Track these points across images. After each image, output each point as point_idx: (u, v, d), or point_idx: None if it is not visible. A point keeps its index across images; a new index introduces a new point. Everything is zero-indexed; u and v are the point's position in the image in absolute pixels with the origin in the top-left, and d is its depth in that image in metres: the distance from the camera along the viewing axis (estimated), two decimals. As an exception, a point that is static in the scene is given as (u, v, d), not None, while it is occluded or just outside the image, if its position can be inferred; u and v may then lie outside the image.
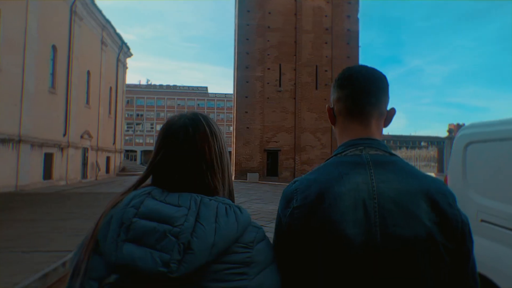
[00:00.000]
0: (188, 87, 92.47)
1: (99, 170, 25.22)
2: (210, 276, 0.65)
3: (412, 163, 30.13)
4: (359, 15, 28.13)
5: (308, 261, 0.79)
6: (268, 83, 27.31)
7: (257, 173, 25.38)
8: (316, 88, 27.45)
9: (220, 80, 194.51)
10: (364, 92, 0.90)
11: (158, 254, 0.63)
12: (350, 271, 0.75)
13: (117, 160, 30.52)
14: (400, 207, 0.77)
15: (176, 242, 0.64)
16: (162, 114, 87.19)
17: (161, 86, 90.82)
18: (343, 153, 0.89)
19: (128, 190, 0.77)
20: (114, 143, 29.71)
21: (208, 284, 0.65)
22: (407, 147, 40.63)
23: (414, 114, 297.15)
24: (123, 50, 31.01)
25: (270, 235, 0.79)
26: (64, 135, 19.85)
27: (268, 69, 27.38)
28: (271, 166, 27.10)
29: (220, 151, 0.80)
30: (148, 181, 0.81)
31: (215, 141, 0.79)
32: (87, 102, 23.40)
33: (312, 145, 27.23)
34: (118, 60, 30.25)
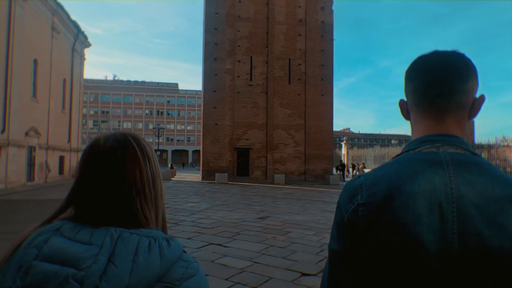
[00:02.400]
0: (157, 83, 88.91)
1: (49, 171, 22.58)
2: None
3: (386, 160, 29.65)
4: (334, 7, 27.00)
5: (370, 263, 0.71)
6: (238, 76, 25.57)
7: (226, 173, 23.57)
8: (289, 83, 26.02)
9: (192, 78, 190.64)
10: (434, 82, 0.79)
11: None
12: (420, 280, 0.67)
13: (73, 160, 27.80)
14: (483, 213, 0.68)
15: None
16: (129, 111, 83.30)
17: (128, 82, 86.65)
18: (416, 149, 0.79)
19: (42, 223, 0.67)
20: (69, 141, 27.04)
21: None
22: (380, 145, 40.35)
23: (382, 113, 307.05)
24: (80, 39, 28.24)
25: (229, 260, 0.50)
26: (3, 131, 17.28)
27: (239, 61, 25.64)
28: (242, 165, 25.40)
29: (153, 175, 0.71)
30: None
31: (147, 164, 0.70)
32: (34, 94, 20.77)
33: (285, 143, 25.77)
34: (73, 49, 27.48)
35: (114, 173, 0.68)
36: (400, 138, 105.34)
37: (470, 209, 0.68)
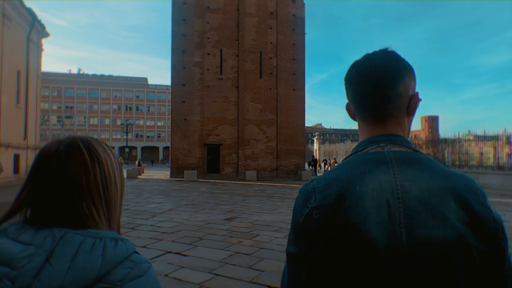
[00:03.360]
0: (126, 77, 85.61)
1: (1, 170, 20.75)
2: None
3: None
4: (305, 2, 26.58)
5: (327, 263, 0.74)
6: (208, 69, 24.64)
7: (196, 170, 22.67)
8: (261, 77, 25.39)
9: (162, 72, 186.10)
10: (369, 93, 0.83)
11: None
12: (374, 276, 0.71)
13: (30, 159, 25.84)
14: (427, 207, 0.72)
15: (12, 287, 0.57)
16: (95, 107, 79.70)
17: (94, 76, 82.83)
18: (363, 151, 0.83)
19: None
20: (25, 138, 25.06)
21: None
22: (351, 140, 40.76)
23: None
24: (36, 28, 26.15)
25: (186, 273, 0.54)
26: None
27: (208, 54, 24.69)
28: (212, 162, 24.57)
29: (105, 179, 0.71)
30: None
31: (97, 168, 0.70)
32: (-19, 87, 18.86)
33: (257, 138, 25.19)
34: (29, 39, 25.39)
35: (58, 177, 0.68)
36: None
37: (414, 203, 0.72)
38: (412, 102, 0.84)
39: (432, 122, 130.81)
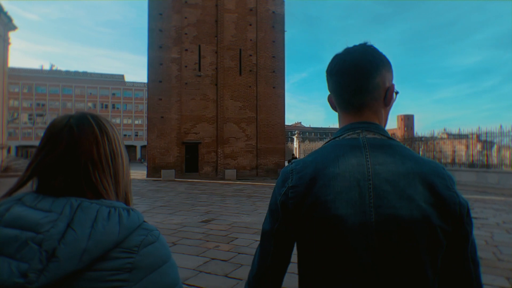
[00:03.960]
0: (101, 74, 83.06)
1: (-37, 171, 19.41)
2: (85, 285, 0.61)
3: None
4: (285, 1, 26.34)
5: (301, 239, 0.82)
6: (186, 66, 24.01)
7: (174, 170, 22.05)
8: (240, 74, 24.99)
9: (140, 69, 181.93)
10: (348, 84, 0.88)
11: (16, 264, 0.58)
12: (343, 251, 0.76)
13: (-4, 158, 24.38)
14: (396, 188, 0.77)
15: (38, 250, 0.59)
16: (69, 104, 76.87)
17: (68, 72, 79.87)
18: (340, 137, 0.89)
19: (3, 197, 0.71)
20: (-10, 136, 23.61)
21: None
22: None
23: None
24: (2, 20, 24.67)
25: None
26: None
27: (186, 50, 24.05)
28: (191, 161, 23.99)
29: (113, 152, 0.75)
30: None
31: (106, 141, 0.74)
32: None
33: (236, 137, 24.79)
34: (-7, 32, 23.92)
35: (70, 147, 0.70)
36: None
37: (384, 185, 0.77)
38: (388, 93, 0.89)
39: (407, 120, 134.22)
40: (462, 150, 21.05)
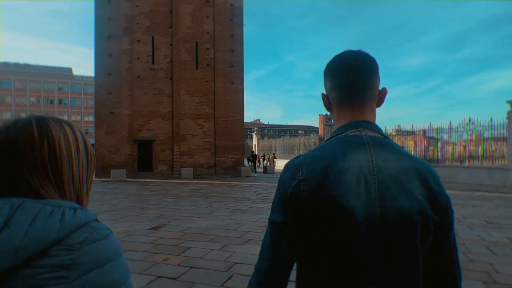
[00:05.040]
0: (46, 67, 76.93)
1: None
2: (19, 282, 0.61)
3: (297, 150, 29.86)
4: (243, -7, 25.58)
5: (311, 230, 0.85)
6: (138, 58, 22.43)
7: (125, 169, 20.48)
8: (197, 68, 23.87)
9: (91, 63, 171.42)
10: (353, 81, 0.94)
11: None
12: (352, 241, 0.82)
13: None
14: (397, 183, 0.84)
15: None
16: (8, 99, 70.34)
17: (6, 64, 72.90)
18: (343, 134, 0.93)
19: None
20: None
21: None
22: (289, 135, 41.11)
23: (289, 106, 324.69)
24: None
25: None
26: None
27: (138, 41, 22.47)
28: (144, 159, 22.51)
29: (54, 155, 0.73)
30: None
31: (44, 144, 0.72)
32: None
33: (193, 134, 23.67)
34: None
35: (5, 148, 0.71)
36: (306, 129, 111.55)
37: (387, 180, 0.84)
38: (381, 95, 0.98)
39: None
40: (411, 146, 21.87)
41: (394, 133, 23.31)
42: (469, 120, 18.27)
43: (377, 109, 0.99)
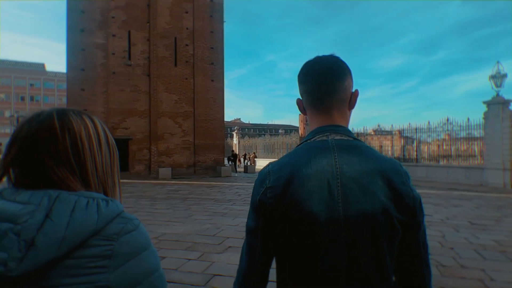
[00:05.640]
0: (16, 62, 73.51)
1: None
2: (63, 272, 0.63)
3: (278, 149, 29.61)
4: (223, -12, 25.02)
5: (278, 235, 0.89)
6: (113, 53, 21.49)
7: (99, 169, 19.55)
8: (176, 65, 23.15)
9: (64, 59, 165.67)
10: (320, 86, 0.96)
11: None
12: (317, 243, 0.84)
13: None
14: (360, 185, 0.86)
15: (17, 240, 0.61)
16: (-25, 95, 66.64)
17: (-27, 58, 69.09)
18: (312, 139, 0.96)
19: None
20: None
21: (61, 280, 0.63)
22: (270, 135, 40.86)
23: (269, 105, 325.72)
24: None
25: None
26: None
27: (113, 35, 21.53)
28: (120, 159, 21.48)
29: (76, 147, 0.74)
30: None
31: (66, 136, 0.74)
32: None
33: (172, 133, 22.95)
34: None
35: (27, 141, 0.72)
36: (286, 128, 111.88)
37: (350, 183, 0.86)
38: (353, 97, 1.00)
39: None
40: (388, 146, 22.09)
41: (372, 133, 23.46)
42: (447, 120, 18.53)
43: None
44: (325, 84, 0.95)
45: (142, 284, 0.70)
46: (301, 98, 1.04)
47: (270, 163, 0.96)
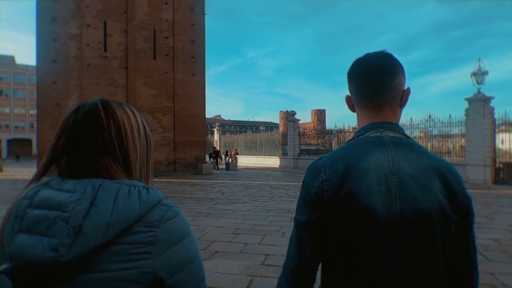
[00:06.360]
0: (-17, 54, 69.54)
1: None
2: (110, 258, 0.65)
3: (260, 146, 29.16)
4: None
5: (331, 228, 0.88)
6: (88, 45, 20.36)
7: (72, 167, 18.49)
8: (155, 58, 22.24)
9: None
10: (372, 83, 0.96)
11: (48, 240, 0.63)
12: (371, 237, 0.84)
13: None
14: (417, 182, 0.86)
15: (66, 226, 0.63)
16: None
17: None
18: (364, 135, 0.96)
19: (31, 181, 0.76)
20: None
21: (108, 266, 0.65)
22: (252, 131, 40.44)
23: (250, 102, 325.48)
24: None
25: None
26: None
27: (88, 26, 20.39)
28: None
29: (120, 136, 0.76)
30: None
31: (112, 125, 0.75)
32: None
33: (151, 128, 20.23)
34: None
35: (74, 131, 0.74)
36: (267, 125, 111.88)
37: (407, 179, 0.86)
38: (404, 95, 0.98)
39: (320, 115, 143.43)
40: None
41: (350, 130, 23.52)
42: (429, 117, 18.63)
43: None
44: (376, 81, 0.95)
45: (184, 271, 0.71)
46: (350, 95, 1.04)
47: (322, 156, 0.94)
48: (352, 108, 1.05)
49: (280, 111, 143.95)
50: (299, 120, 28.44)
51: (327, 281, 0.92)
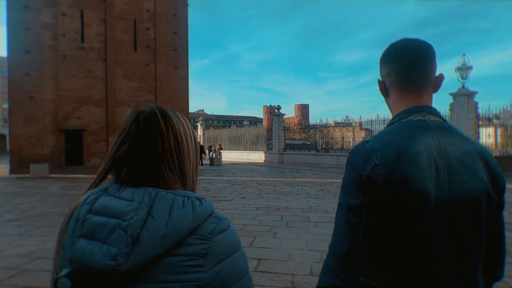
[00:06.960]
0: (-48, 44, 65.92)
1: None
2: (164, 269, 0.65)
3: (245, 141, 28.77)
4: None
5: (382, 212, 0.87)
6: (63, 35, 19.34)
7: (48, 164, 17.55)
8: (135, 50, 21.39)
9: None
10: (413, 66, 0.97)
11: (107, 248, 0.64)
12: (423, 221, 0.85)
13: None
14: (463, 165, 0.88)
15: (125, 236, 0.64)
16: None
17: None
18: (406, 118, 0.95)
19: (90, 187, 0.77)
20: None
21: (162, 276, 0.65)
22: (236, 126, 39.95)
23: (233, 96, 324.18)
24: None
25: None
26: None
27: (64, 15, 19.35)
28: (73, 152, 19.65)
29: (178, 145, 0.77)
30: None
31: (170, 134, 0.76)
32: None
33: (132, 123, 21.21)
34: None
35: (135, 140, 0.74)
36: (251, 120, 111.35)
37: (454, 162, 0.88)
38: (438, 81, 1.00)
39: (303, 109, 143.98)
40: (350, 137, 22.26)
41: (333, 124, 23.49)
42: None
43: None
44: (418, 64, 0.96)
45: (234, 286, 0.70)
46: (382, 79, 1.05)
47: (368, 140, 0.93)
48: (384, 91, 1.05)
49: (264, 106, 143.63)
50: (284, 114, 28.14)
51: (376, 270, 0.89)
